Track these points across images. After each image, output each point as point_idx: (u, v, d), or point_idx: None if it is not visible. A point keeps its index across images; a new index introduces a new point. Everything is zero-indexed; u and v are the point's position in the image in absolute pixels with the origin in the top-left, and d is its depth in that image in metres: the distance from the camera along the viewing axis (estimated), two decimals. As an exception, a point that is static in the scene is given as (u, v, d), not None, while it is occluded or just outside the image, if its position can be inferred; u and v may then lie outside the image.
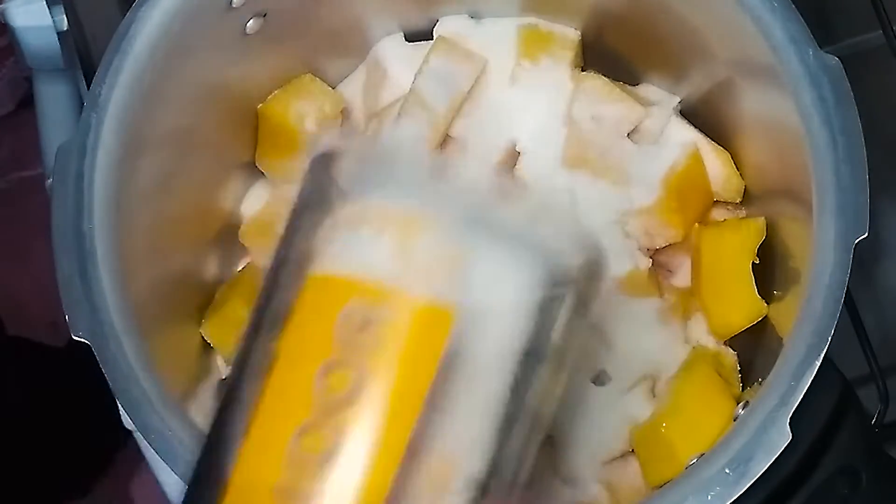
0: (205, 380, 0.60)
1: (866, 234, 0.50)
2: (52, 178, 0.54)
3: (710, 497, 0.48)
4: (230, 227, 0.64)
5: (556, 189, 0.61)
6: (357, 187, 0.40)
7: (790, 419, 0.48)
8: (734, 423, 0.52)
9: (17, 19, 0.72)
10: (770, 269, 0.58)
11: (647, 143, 0.62)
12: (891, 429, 0.59)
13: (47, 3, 0.70)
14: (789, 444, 0.48)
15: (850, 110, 0.52)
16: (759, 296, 0.57)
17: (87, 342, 0.51)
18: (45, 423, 1.03)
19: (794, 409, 0.48)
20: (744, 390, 0.59)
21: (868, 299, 0.66)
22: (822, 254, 0.50)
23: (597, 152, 0.62)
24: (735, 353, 0.60)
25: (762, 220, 0.59)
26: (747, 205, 0.62)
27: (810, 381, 0.48)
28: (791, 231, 0.57)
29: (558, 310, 0.41)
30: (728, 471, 0.48)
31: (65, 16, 0.69)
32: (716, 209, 0.63)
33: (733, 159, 0.62)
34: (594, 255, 0.43)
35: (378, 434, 0.37)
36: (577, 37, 0.64)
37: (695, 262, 0.61)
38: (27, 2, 0.71)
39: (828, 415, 0.52)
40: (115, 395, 0.51)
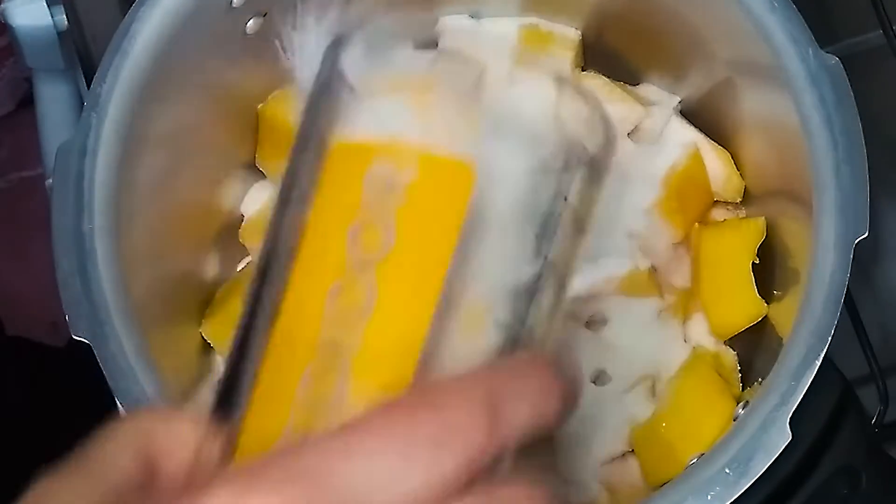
0: (205, 380, 0.60)
1: (866, 234, 0.50)
2: (52, 178, 0.54)
3: (710, 497, 0.48)
4: (230, 227, 0.64)
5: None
6: (371, 62, 0.42)
7: (790, 419, 0.48)
8: (734, 423, 0.52)
9: (16, 19, 0.72)
10: (770, 269, 0.58)
11: (647, 143, 0.62)
12: (891, 429, 0.59)
13: (47, 2, 0.70)
14: (789, 444, 0.48)
15: (850, 110, 0.52)
16: (759, 296, 0.57)
17: (87, 342, 0.51)
18: (45, 423, 1.03)
19: (794, 409, 0.48)
20: (744, 390, 0.59)
21: (868, 299, 0.66)
22: (822, 254, 0.50)
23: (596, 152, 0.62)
24: (735, 353, 0.60)
25: (762, 220, 0.59)
26: (747, 205, 0.62)
27: (810, 381, 0.48)
28: (791, 231, 0.57)
29: (574, 175, 0.43)
30: (728, 471, 0.48)
31: (65, 16, 0.69)
32: (716, 209, 0.63)
33: (733, 159, 0.62)
34: (609, 131, 0.44)
35: (412, 285, 0.39)
36: (578, 37, 0.64)
37: (695, 262, 0.61)
38: (27, 2, 0.71)
39: (828, 415, 0.52)
40: (115, 395, 0.51)
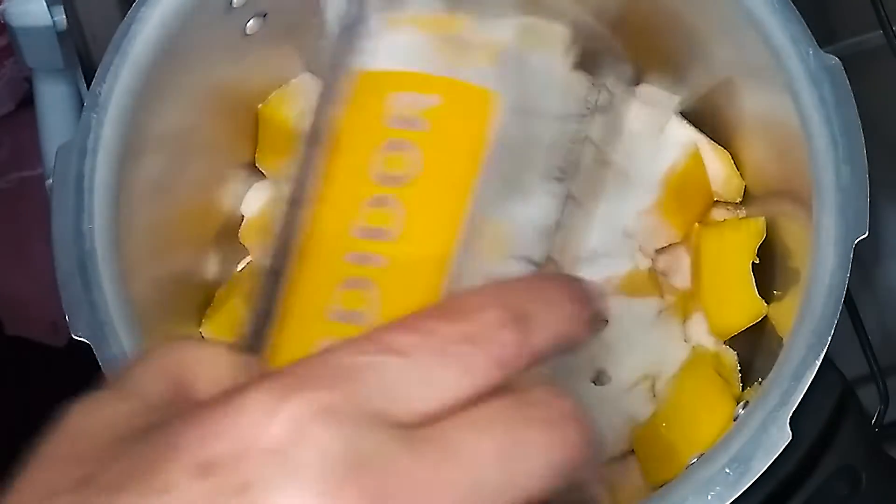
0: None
1: (866, 234, 0.50)
2: (52, 178, 0.54)
3: (710, 497, 0.48)
4: (230, 227, 0.64)
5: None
6: (395, 2, 0.43)
7: (790, 419, 0.48)
8: (734, 423, 0.52)
9: (16, 19, 0.72)
10: (770, 269, 0.58)
11: (646, 144, 0.62)
12: (891, 429, 0.59)
13: (47, 2, 0.70)
14: (789, 444, 0.48)
15: (850, 110, 0.52)
16: (759, 296, 0.57)
17: (87, 342, 0.51)
18: (45, 424, 1.03)
19: (794, 409, 0.48)
20: (744, 390, 0.59)
21: (868, 299, 0.66)
22: (822, 254, 0.50)
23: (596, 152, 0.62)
24: (735, 353, 0.60)
25: (762, 219, 0.59)
26: (747, 205, 0.62)
27: (810, 381, 0.48)
28: (791, 231, 0.57)
29: (595, 115, 0.44)
30: (728, 471, 0.48)
31: (64, 16, 0.69)
32: (716, 209, 0.62)
33: (733, 159, 0.62)
34: (625, 69, 0.45)
35: (438, 207, 0.39)
36: (578, 36, 0.64)
37: (695, 262, 0.61)
38: (27, 2, 0.71)
39: (828, 415, 0.52)
40: (115, 395, 0.51)
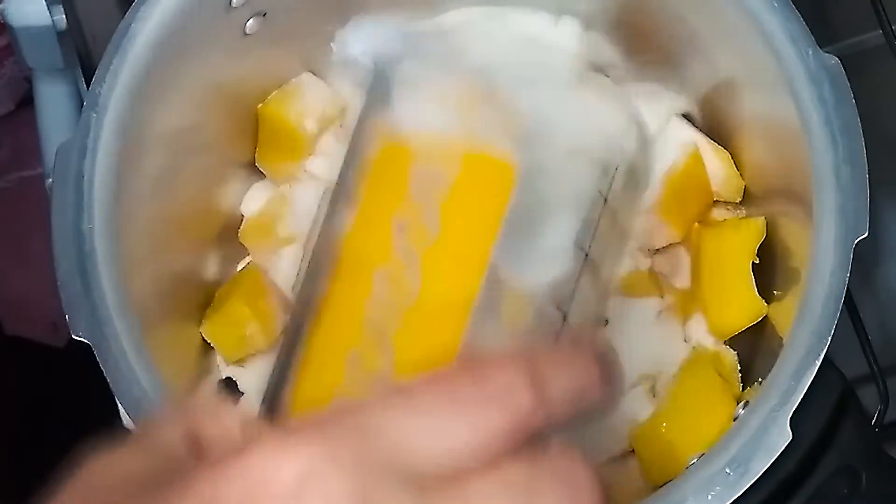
0: (205, 380, 0.60)
1: (866, 234, 0.50)
2: (52, 178, 0.54)
3: (710, 497, 0.48)
4: (230, 227, 0.64)
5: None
6: (420, 76, 0.43)
7: (790, 419, 0.48)
8: (734, 423, 0.52)
9: (16, 19, 0.72)
10: (770, 269, 0.58)
11: (646, 144, 0.62)
12: (891, 429, 0.59)
13: (47, 2, 0.70)
14: (789, 444, 0.48)
15: (850, 110, 0.52)
16: (759, 296, 0.57)
17: (87, 342, 0.51)
18: (45, 423, 1.03)
19: (794, 409, 0.48)
20: (744, 390, 0.59)
21: (868, 299, 0.66)
22: (822, 254, 0.50)
23: (596, 152, 0.62)
24: (735, 353, 0.60)
25: (762, 219, 0.59)
26: (747, 205, 0.62)
27: (810, 381, 0.48)
28: (791, 231, 0.57)
29: (613, 177, 0.43)
30: (728, 471, 0.48)
31: (64, 15, 0.69)
32: (716, 209, 0.62)
33: (733, 159, 0.62)
34: (643, 133, 0.45)
35: (455, 273, 0.39)
36: (578, 36, 0.64)
37: (695, 262, 0.61)
38: (27, 2, 0.71)
39: (828, 415, 0.52)
40: (115, 395, 0.51)
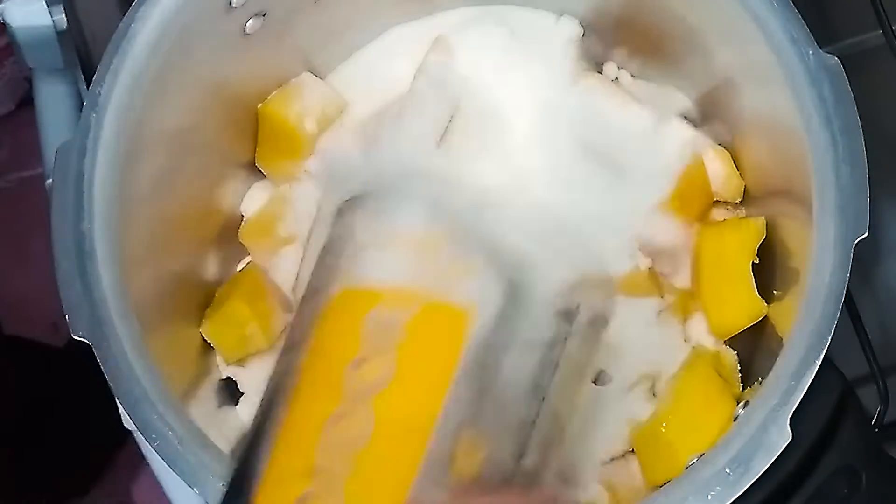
0: (205, 380, 0.60)
1: (866, 234, 0.50)
2: (52, 178, 0.54)
3: (710, 497, 0.48)
4: (230, 227, 0.64)
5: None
6: (379, 221, 0.43)
7: (790, 419, 0.48)
8: (734, 423, 0.52)
9: (16, 19, 0.72)
10: (770, 269, 0.58)
11: (646, 143, 0.62)
12: (891, 429, 0.59)
13: (47, 2, 0.70)
14: (789, 444, 0.48)
15: (850, 110, 0.52)
16: (759, 296, 0.57)
17: (87, 342, 0.51)
18: (45, 423, 1.03)
19: (794, 409, 0.48)
20: (744, 390, 0.59)
21: (868, 299, 0.66)
22: (822, 254, 0.50)
23: (596, 152, 0.62)
24: (735, 353, 0.60)
25: (762, 219, 0.59)
26: (747, 205, 0.62)
27: (810, 381, 0.49)
28: (791, 231, 0.57)
29: (573, 322, 0.44)
30: (728, 471, 0.48)
31: (64, 15, 0.69)
32: (716, 209, 0.63)
33: (733, 159, 0.62)
34: (603, 276, 0.45)
35: (408, 417, 0.39)
36: (580, 34, 0.64)
37: (695, 262, 0.61)
38: (27, 2, 0.71)
39: (828, 415, 0.52)
40: (115, 395, 0.51)
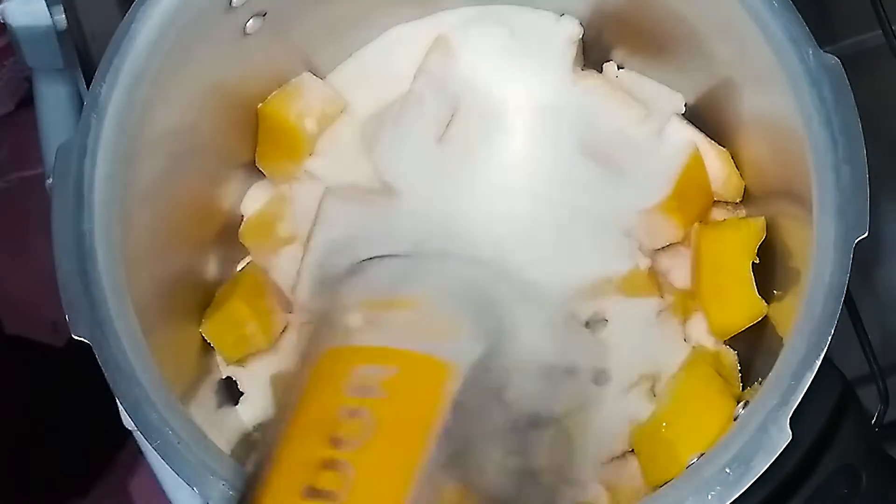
0: (205, 380, 0.60)
1: (866, 234, 0.50)
2: (52, 178, 0.54)
3: (710, 497, 0.48)
4: (230, 227, 0.64)
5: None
6: (368, 292, 0.44)
7: (790, 419, 0.48)
8: (734, 422, 0.52)
9: (16, 19, 0.72)
10: (770, 269, 0.58)
11: (646, 143, 0.62)
12: (891, 429, 0.59)
13: (47, 2, 0.70)
14: (789, 444, 0.48)
15: (850, 110, 0.52)
16: (759, 296, 0.57)
17: (87, 342, 0.51)
18: (45, 423, 1.03)
19: (794, 409, 0.48)
20: (744, 390, 0.59)
21: (868, 299, 0.66)
22: (822, 254, 0.50)
23: (596, 152, 0.62)
24: (735, 352, 0.60)
25: (762, 219, 0.59)
26: (747, 205, 0.62)
27: (810, 381, 0.49)
28: (791, 231, 0.57)
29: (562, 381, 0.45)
30: (728, 470, 0.48)
31: (64, 15, 0.69)
32: (716, 209, 0.63)
33: (733, 159, 0.62)
34: (577, 397, 0.47)
35: (387, 472, 0.40)
36: (579, 33, 0.64)
37: (695, 261, 0.61)
38: (27, 2, 0.71)
39: (828, 415, 0.52)
40: (115, 395, 0.51)
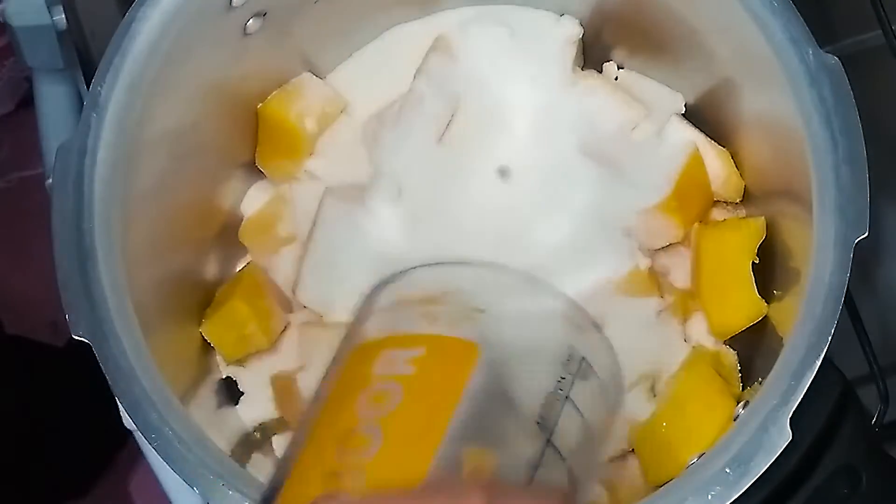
0: (205, 380, 0.60)
1: (866, 234, 0.50)
2: (52, 178, 0.54)
3: (710, 497, 0.48)
4: (230, 227, 0.64)
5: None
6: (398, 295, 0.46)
7: (790, 419, 0.48)
8: (734, 422, 0.52)
9: (16, 19, 0.72)
10: (770, 269, 0.58)
11: (646, 143, 0.62)
12: (891, 429, 0.59)
13: (47, 2, 0.70)
14: (789, 444, 0.48)
15: (850, 110, 0.52)
16: (759, 296, 0.57)
17: (87, 342, 0.51)
18: (45, 423, 1.03)
19: (794, 409, 0.48)
20: (744, 390, 0.59)
21: (868, 299, 0.66)
22: (822, 254, 0.50)
23: (596, 152, 0.62)
24: (735, 352, 0.60)
25: (762, 219, 0.59)
26: (747, 204, 0.62)
27: (810, 381, 0.49)
28: (791, 231, 0.57)
29: (576, 380, 0.45)
30: (728, 471, 0.48)
31: (64, 15, 0.69)
32: (716, 209, 0.63)
33: (733, 159, 0.62)
34: (613, 359, 0.47)
35: (413, 437, 0.41)
36: (579, 33, 0.64)
37: (695, 261, 0.61)
38: (27, 1, 0.71)
39: (828, 415, 0.52)
40: (115, 395, 0.51)
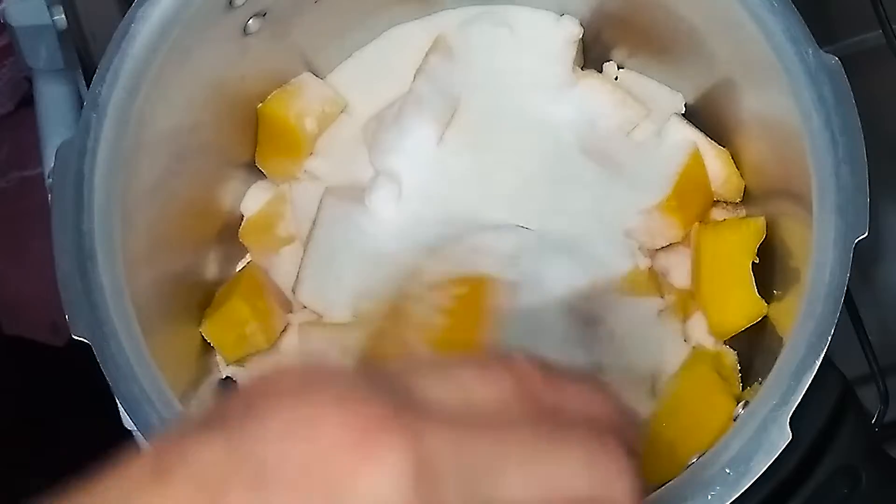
0: (205, 380, 0.60)
1: (866, 234, 0.50)
2: (52, 178, 0.54)
3: (710, 497, 0.48)
4: (230, 227, 0.64)
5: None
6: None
7: (790, 419, 0.48)
8: (734, 422, 0.52)
9: (16, 19, 0.72)
10: (770, 269, 0.58)
11: (646, 143, 0.62)
12: (891, 429, 0.59)
13: (47, 2, 0.70)
14: (789, 444, 0.48)
15: (850, 110, 0.52)
16: (759, 296, 0.57)
17: (87, 342, 0.51)
18: (45, 423, 1.03)
19: (794, 409, 0.48)
20: (744, 390, 0.59)
21: (868, 299, 0.66)
22: (822, 254, 0.50)
23: (596, 152, 0.62)
24: (735, 352, 0.60)
25: (762, 219, 0.59)
26: (747, 204, 0.62)
27: (810, 381, 0.48)
28: (791, 231, 0.57)
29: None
30: (728, 470, 0.48)
31: (64, 15, 0.69)
32: (716, 209, 0.63)
33: (733, 159, 0.62)
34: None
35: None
36: (579, 33, 0.64)
37: (695, 261, 0.61)
38: (27, 2, 0.71)
39: (828, 415, 0.52)
40: (115, 395, 0.51)
